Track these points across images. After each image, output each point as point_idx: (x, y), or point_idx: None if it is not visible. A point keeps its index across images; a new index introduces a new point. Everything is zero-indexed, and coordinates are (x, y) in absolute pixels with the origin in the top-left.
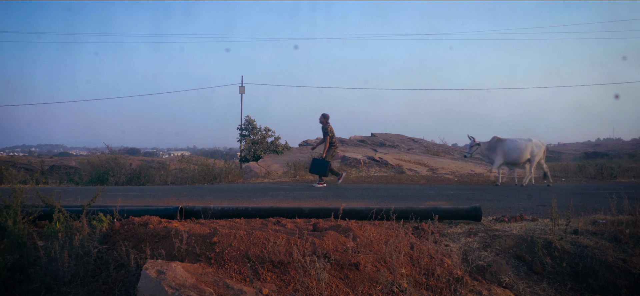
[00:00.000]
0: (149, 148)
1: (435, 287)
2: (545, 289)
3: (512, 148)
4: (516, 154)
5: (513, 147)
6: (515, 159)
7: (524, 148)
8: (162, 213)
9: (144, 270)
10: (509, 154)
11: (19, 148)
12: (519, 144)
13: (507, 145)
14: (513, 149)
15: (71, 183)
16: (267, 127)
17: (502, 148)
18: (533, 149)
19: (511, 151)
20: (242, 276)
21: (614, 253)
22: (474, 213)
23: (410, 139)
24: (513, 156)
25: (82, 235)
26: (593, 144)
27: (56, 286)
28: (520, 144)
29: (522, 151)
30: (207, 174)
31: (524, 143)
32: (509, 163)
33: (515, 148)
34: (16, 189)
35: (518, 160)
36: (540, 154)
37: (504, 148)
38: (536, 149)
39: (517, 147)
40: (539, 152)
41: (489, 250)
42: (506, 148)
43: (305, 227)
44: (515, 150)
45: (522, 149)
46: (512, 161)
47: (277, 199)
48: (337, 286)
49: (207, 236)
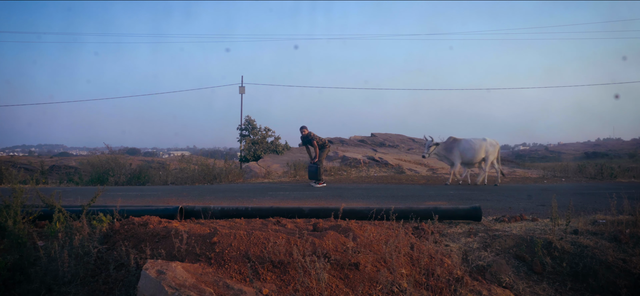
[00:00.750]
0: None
1: (435, 287)
2: (545, 289)
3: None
4: (471, 154)
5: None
6: (470, 159)
7: (479, 148)
8: (162, 213)
9: (144, 270)
10: (465, 154)
11: (19, 147)
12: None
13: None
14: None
15: (71, 183)
16: (267, 128)
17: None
18: (487, 148)
19: (466, 151)
20: (242, 276)
21: (614, 253)
22: (474, 213)
23: (410, 139)
24: (468, 156)
25: (82, 235)
26: (593, 144)
27: (56, 286)
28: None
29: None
30: (207, 174)
31: (478, 143)
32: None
33: (470, 148)
34: (16, 189)
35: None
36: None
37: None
38: (490, 149)
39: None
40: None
41: (489, 250)
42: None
43: (305, 227)
44: (470, 150)
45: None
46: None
47: (277, 199)
48: (337, 286)
49: (207, 236)
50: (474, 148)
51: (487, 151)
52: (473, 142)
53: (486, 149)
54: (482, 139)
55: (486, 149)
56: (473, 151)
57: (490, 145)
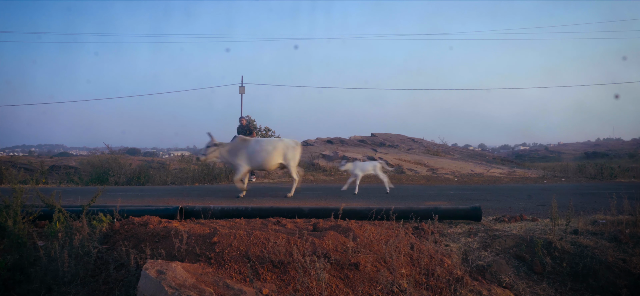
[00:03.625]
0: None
1: (435, 287)
2: (545, 289)
3: (257, 150)
4: (262, 158)
5: (258, 149)
6: (261, 163)
7: (272, 150)
8: (162, 213)
9: (144, 270)
10: (254, 158)
11: (19, 147)
12: (265, 145)
13: (251, 147)
14: (258, 152)
15: (71, 183)
16: (267, 127)
17: (246, 150)
18: (286, 151)
19: (256, 155)
20: (242, 276)
21: (614, 253)
22: (474, 213)
23: (410, 139)
24: (258, 160)
25: (82, 235)
26: (593, 144)
27: (56, 286)
28: (266, 145)
29: (269, 154)
30: (207, 175)
31: (271, 145)
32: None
33: (260, 150)
34: (16, 189)
35: (265, 165)
36: (296, 156)
37: (248, 150)
38: (290, 151)
39: (263, 149)
40: (294, 153)
41: (489, 250)
42: (251, 150)
43: (305, 227)
44: (260, 152)
45: (269, 152)
46: (259, 166)
47: (277, 199)
48: (337, 286)
49: (207, 236)
50: (265, 150)
51: (285, 154)
52: (264, 144)
53: (284, 153)
54: (278, 140)
55: (284, 153)
56: (264, 153)
57: (288, 147)
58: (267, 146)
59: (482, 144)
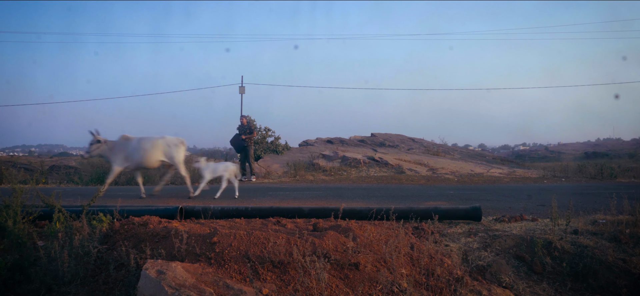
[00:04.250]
0: None
1: (435, 287)
2: (545, 289)
3: (137, 148)
4: (140, 156)
5: (137, 147)
6: (141, 161)
7: (151, 148)
8: (162, 213)
9: (144, 270)
10: (133, 157)
11: (19, 147)
12: (144, 144)
13: (132, 146)
14: (137, 150)
15: (71, 183)
16: (267, 127)
17: (127, 149)
18: (167, 149)
19: (135, 153)
20: (242, 276)
21: (614, 253)
22: (474, 213)
23: (410, 139)
24: (136, 159)
25: (82, 235)
26: (593, 144)
27: (56, 286)
28: (145, 144)
29: (147, 152)
30: None
31: (150, 142)
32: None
33: (139, 148)
34: (16, 189)
35: (145, 163)
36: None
37: (128, 149)
38: (171, 149)
39: (142, 147)
40: (178, 151)
41: (489, 250)
42: (131, 148)
43: (305, 227)
44: (139, 150)
45: (148, 150)
46: (139, 164)
47: (277, 199)
48: (337, 286)
49: (207, 236)
50: (143, 149)
51: (167, 153)
52: (143, 142)
53: (165, 151)
54: (160, 138)
55: (165, 151)
56: (143, 152)
57: (170, 145)
58: (146, 144)
59: (482, 144)
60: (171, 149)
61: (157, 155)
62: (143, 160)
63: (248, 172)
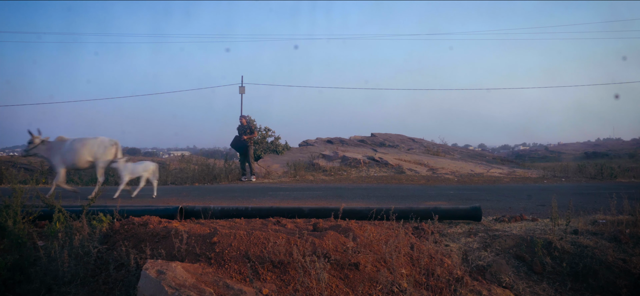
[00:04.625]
0: (149, 148)
1: (435, 287)
2: (545, 289)
3: (69, 149)
4: (72, 157)
5: (70, 148)
6: (72, 161)
7: (80, 148)
8: (162, 213)
9: (144, 270)
10: (66, 157)
11: (19, 148)
12: (75, 144)
13: (66, 146)
14: (69, 151)
15: (71, 183)
16: (267, 127)
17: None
18: (95, 149)
19: (67, 154)
20: (242, 276)
21: (614, 253)
22: (474, 213)
23: (410, 139)
24: (69, 159)
25: (82, 235)
26: (593, 144)
27: (56, 286)
28: (75, 144)
29: (77, 153)
30: (207, 174)
31: (81, 143)
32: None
33: (71, 148)
34: (16, 189)
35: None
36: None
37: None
38: (100, 150)
39: (73, 148)
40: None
41: (489, 249)
42: (65, 149)
43: (305, 227)
44: (71, 151)
45: (77, 150)
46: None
47: (277, 199)
48: (337, 286)
49: (207, 236)
50: (74, 149)
51: (94, 153)
52: (74, 143)
53: (93, 151)
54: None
55: (93, 151)
56: (74, 152)
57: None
58: (77, 145)
59: (482, 144)
60: (99, 149)
61: (86, 155)
62: (75, 160)
63: (248, 172)
